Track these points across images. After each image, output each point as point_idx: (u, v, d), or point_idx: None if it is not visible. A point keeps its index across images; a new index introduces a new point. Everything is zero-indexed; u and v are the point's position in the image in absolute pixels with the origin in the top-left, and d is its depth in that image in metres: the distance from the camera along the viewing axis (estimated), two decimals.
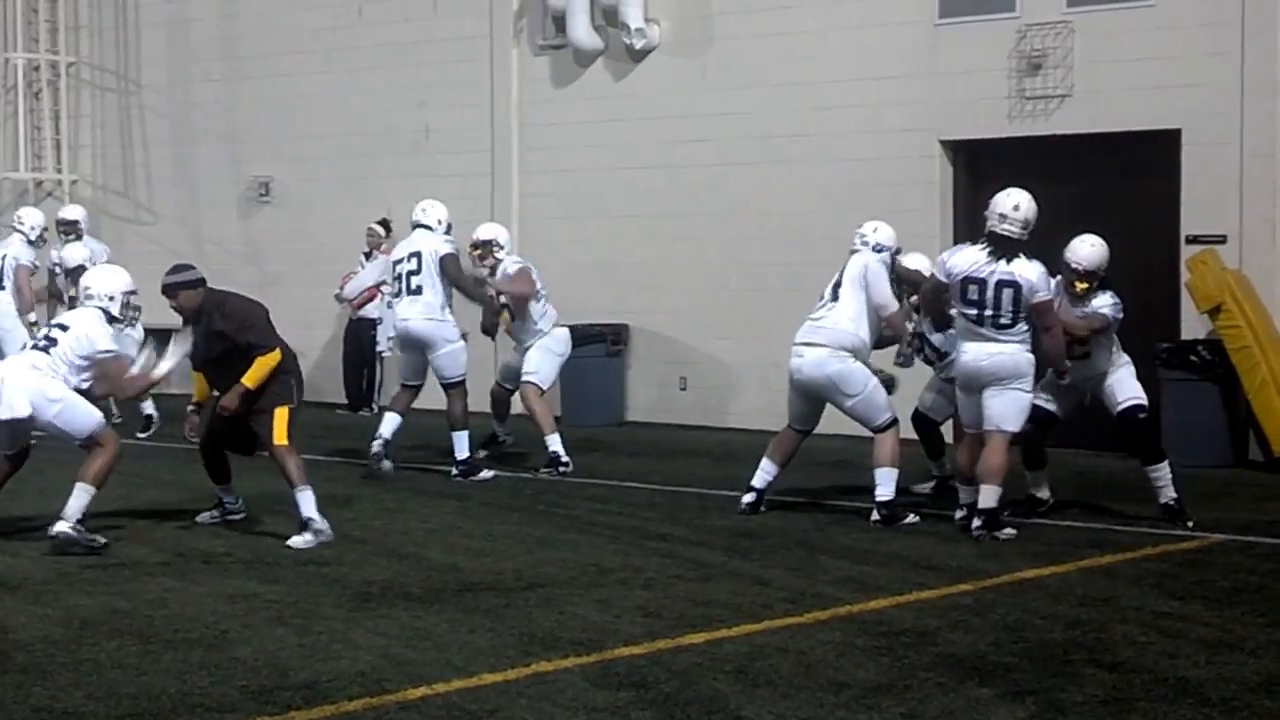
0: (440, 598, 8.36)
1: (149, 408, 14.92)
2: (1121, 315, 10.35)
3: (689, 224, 15.93)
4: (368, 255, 17.09)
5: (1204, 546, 9.70)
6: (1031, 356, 9.93)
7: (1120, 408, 10.36)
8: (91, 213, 19.92)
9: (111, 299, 9.99)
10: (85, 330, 9.83)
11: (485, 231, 13.23)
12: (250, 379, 10.03)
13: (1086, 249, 10.36)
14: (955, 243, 14.62)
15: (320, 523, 9.83)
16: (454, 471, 12.54)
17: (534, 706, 6.46)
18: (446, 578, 8.87)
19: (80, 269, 13.74)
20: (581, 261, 16.57)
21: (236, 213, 19.16)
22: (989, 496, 9.85)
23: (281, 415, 10.10)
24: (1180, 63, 13.44)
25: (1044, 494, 10.73)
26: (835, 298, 10.63)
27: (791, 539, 9.98)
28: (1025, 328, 9.90)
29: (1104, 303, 10.35)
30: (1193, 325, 13.17)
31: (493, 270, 13.05)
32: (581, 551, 9.62)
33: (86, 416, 9.81)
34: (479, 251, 13.05)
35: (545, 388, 13.02)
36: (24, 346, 11.65)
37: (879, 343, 10.86)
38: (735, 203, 15.57)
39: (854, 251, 10.82)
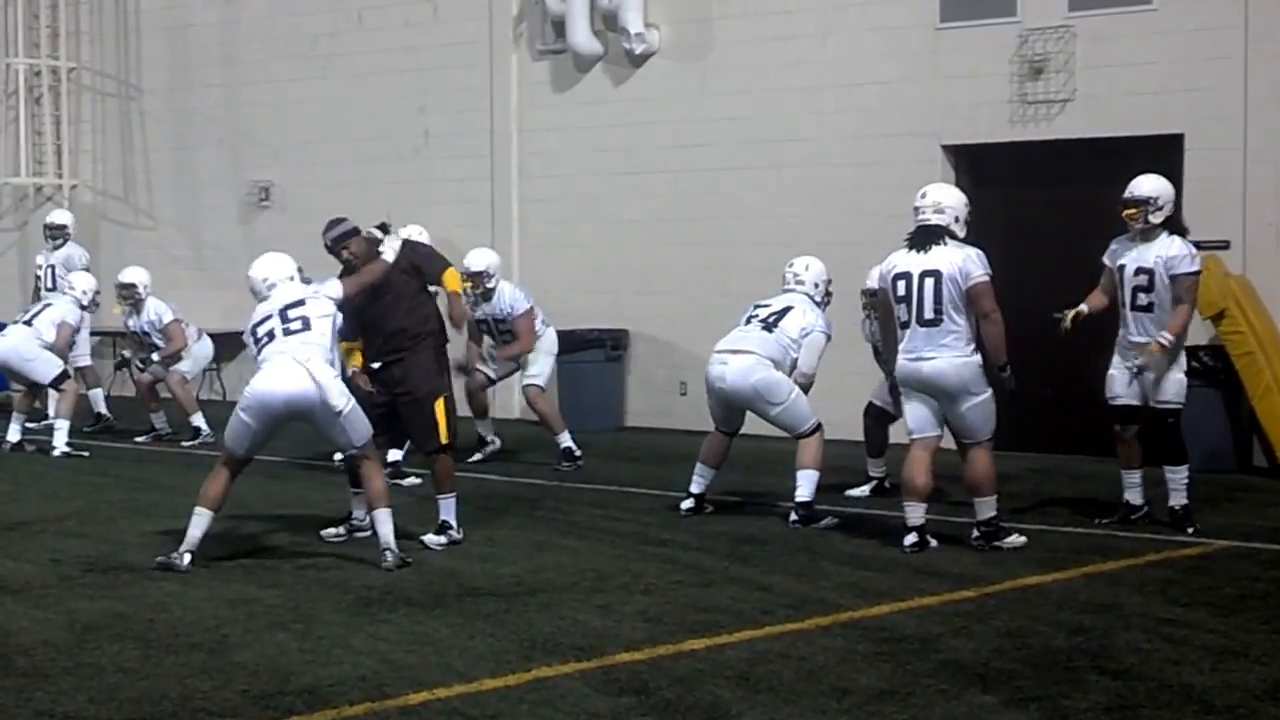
0: (441, 603, 8.34)
1: (199, 420, 14.89)
2: (1197, 268, 10.11)
3: (688, 228, 15.92)
4: None
5: (1208, 553, 9.68)
6: (976, 360, 9.62)
7: (1154, 404, 10.25)
8: (91, 218, 19.99)
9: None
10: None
11: (477, 263, 13.24)
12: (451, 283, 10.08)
13: (1142, 179, 10.22)
14: None
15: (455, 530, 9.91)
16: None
17: (535, 712, 6.45)
18: (447, 583, 8.85)
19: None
20: (580, 266, 16.56)
21: (237, 217, 19.14)
22: (984, 508, 9.77)
23: (441, 407, 9.87)
24: (1182, 67, 13.43)
25: None
26: (769, 328, 10.71)
27: (793, 544, 9.96)
28: (959, 326, 9.56)
29: (1192, 254, 10.08)
30: (1196, 331, 13.08)
31: (486, 296, 13.14)
32: (582, 557, 9.60)
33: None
34: (470, 283, 13.07)
35: (544, 386, 13.33)
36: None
37: None
38: (735, 207, 15.56)
39: (786, 290, 10.96)
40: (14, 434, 14.43)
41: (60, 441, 14.11)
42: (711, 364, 10.90)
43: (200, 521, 9.13)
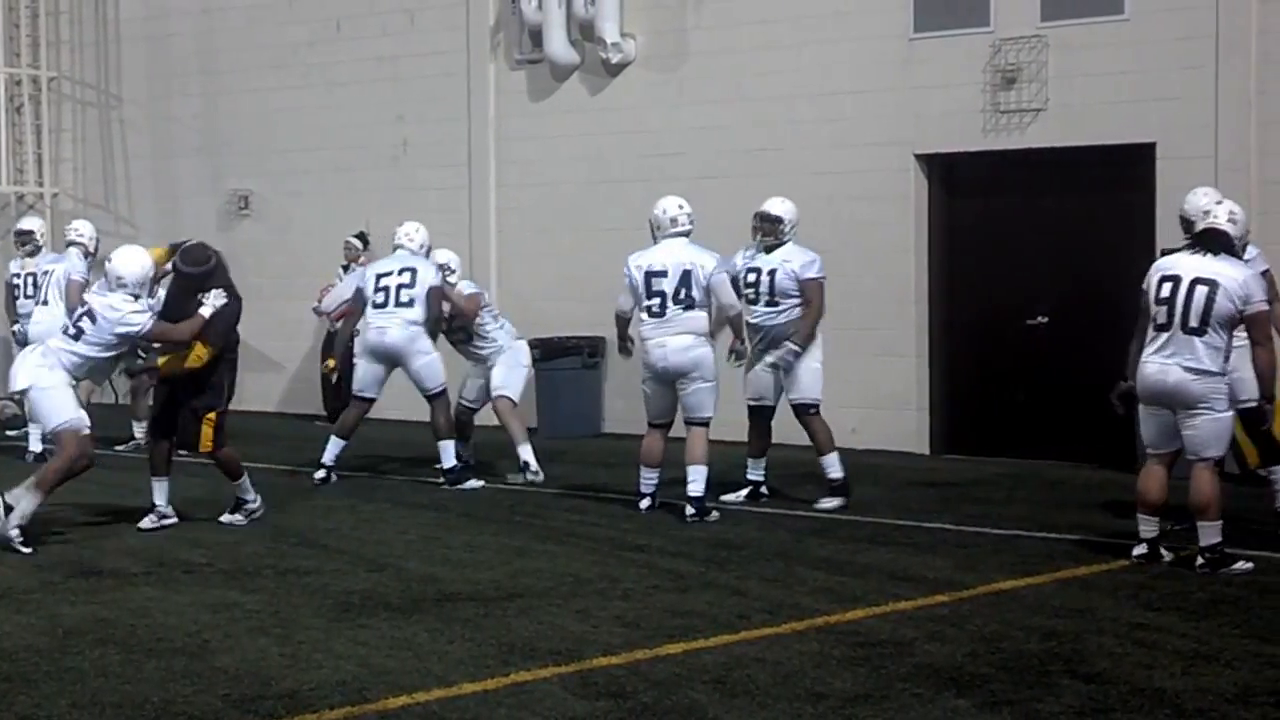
0: (420, 608, 8.39)
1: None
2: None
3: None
4: (345, 268, 17.09)
5: (1180, 558, 9.75)
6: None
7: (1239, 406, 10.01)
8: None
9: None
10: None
11: (438, 257, 13.33)
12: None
13: (1190, 194, 10.24)
14: (929, 255, 14.79)
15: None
16: (441, 480, 12.62)
17: (513, 716, 6.50)
18: (426, 588, 8.91)
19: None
20: (558, 274, 16.63)
21: (216, 225, 19.13)
22: (1208, 533, 9.26)
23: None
24: (1154, 76, 13.54)
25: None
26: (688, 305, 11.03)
27: (768, 550, 10.03)
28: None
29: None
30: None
31: None
32: (559, 562, 9.66)
33: (55, 413, 10.22)
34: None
35: (517, 400, 13.17)
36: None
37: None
38: (710, 216, 15.53)
39: (668, 235, 11.40)
40: (35, 444, 14.18)
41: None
42: (650, 350, 11.13)
43: None
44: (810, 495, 11.84)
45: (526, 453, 12.87)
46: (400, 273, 12.80)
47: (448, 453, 12.68)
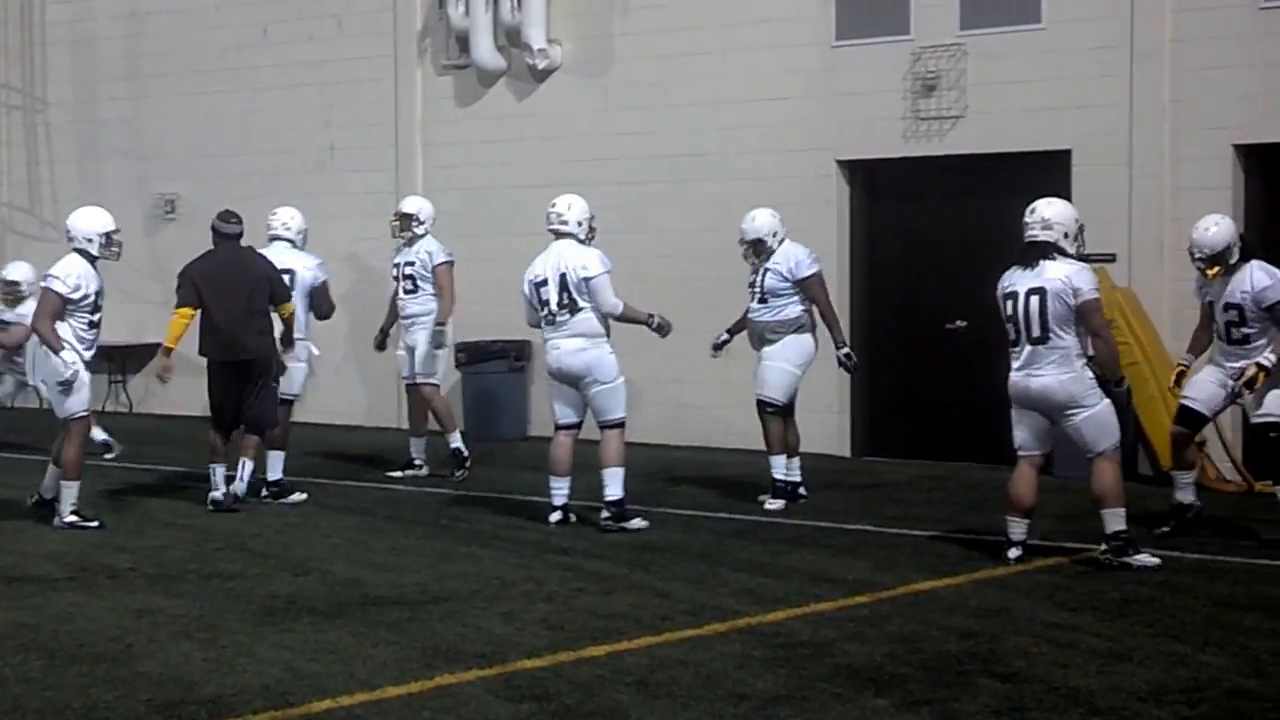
0: (344, 611, 8.41)
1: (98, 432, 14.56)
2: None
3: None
4: None
5: (1095, 558, 9.90)
6: (1087, 375, 9.53)
7: (1254, 419, 10.29)
8: None
9: (89, 240, 10.96)
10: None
11: (410, 205, 13.71)
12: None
13: (1204, 234, 10.16)
14: (852, 260, 14.93)
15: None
16: (264, 493, 12.29)
17: (437, 719, 6.54)
18: (350, 591, 8.93)
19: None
20: (485, 279, 16.62)
21: (143, 230, 19.03)
22: (1112, 520, 9.50)
23: None
24: (1071, 84, 13.72)
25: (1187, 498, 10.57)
26: (573, 310, 10.93)
27: (692, 552, 10.11)
28: (1066, 343, 9.49)
29: (1276, 279, 10.03)
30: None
31: (410, 242, 13.59)
32: (484, 565, 9.70)
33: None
34: (399, 222, 13.63)
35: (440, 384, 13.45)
36: None
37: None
38: (636, 221, 15.71)
39: (551, 229, 11.28)
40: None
41: None
42: (548, 353, 11.08)
43: None
44: (730, 498, 11.96)
45: (457, 439, 13.29)
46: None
47: (275, 464, 12.42)
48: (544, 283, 11.02)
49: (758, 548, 10.27)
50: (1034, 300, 9.42)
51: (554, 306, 10.94)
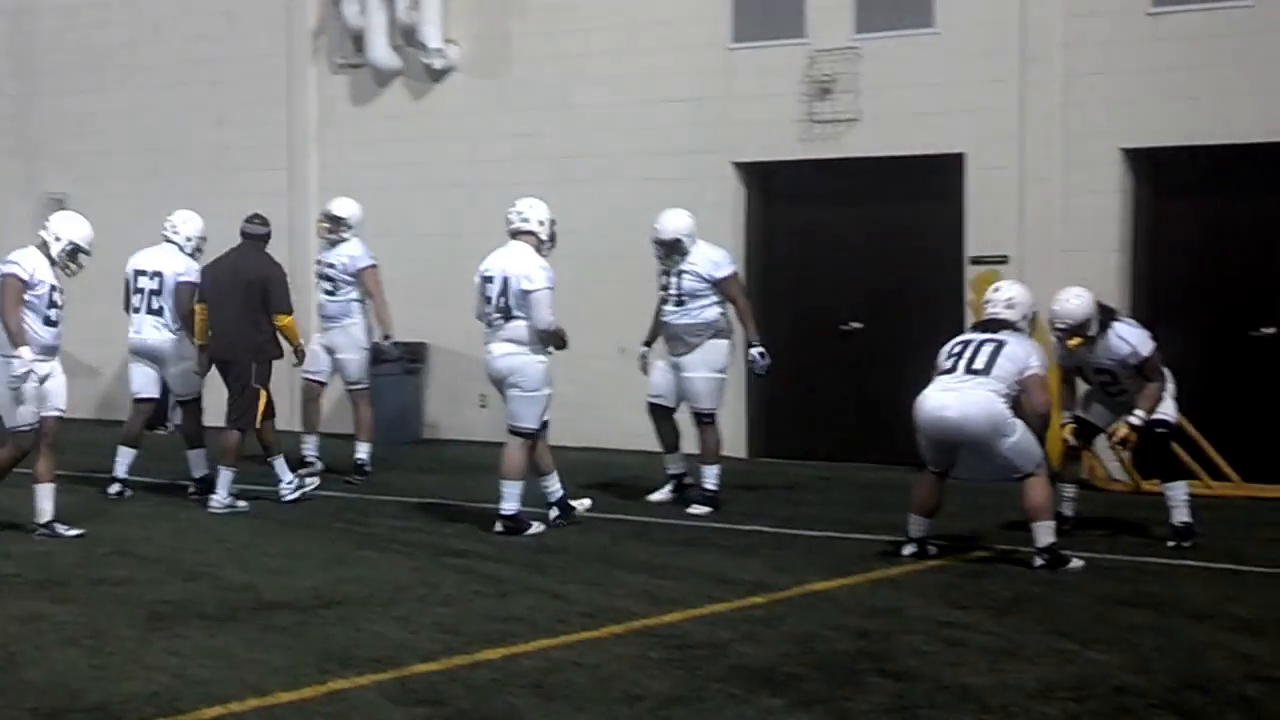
0: (236, 617, 8.33)
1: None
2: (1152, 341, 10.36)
3: (486, 243, 15.71)
4: None
5: (987, 558, 10.01)
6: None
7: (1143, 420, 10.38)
8: None
9: (58, 240, 10.72)
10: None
11: (341, 208, 13.67)
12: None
13: (1064, 305, 10.33)
14: (748, 263, 14.98)
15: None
16: (191, 489, 12.40)
17: None
18: (242, 596, 8.84)
19: None
20: (381, 280, 16.55)
21: (30, 229, 18.69)
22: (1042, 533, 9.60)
23: None
24: (963, 88, 13.87)
25: None
26: (509, 316, 10.88)
27: (588, 554, 10.11)
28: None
29: (1139, 341, 10.32)
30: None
31: (333, 244, 13.58)
32: (379, 569, 9.64)
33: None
34: (328, 225, 13.60)
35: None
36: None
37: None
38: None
39: (510, 228, 11.20)
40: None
41: None
42: (485, 354, 11.08)
43: None
44: (627, 500, 11.97)
45: (365, 451, 13.34)
46: (151, 276, 12.67)
47: (198, 462, 12.46)
48: (490, 280, 10.97)
49: (654, 549, 10.29)
50: (989, 347, 9.70)
51: (493, 309, 10.92)
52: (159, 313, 12.58)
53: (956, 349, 9.83)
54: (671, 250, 11.71)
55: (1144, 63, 13.19)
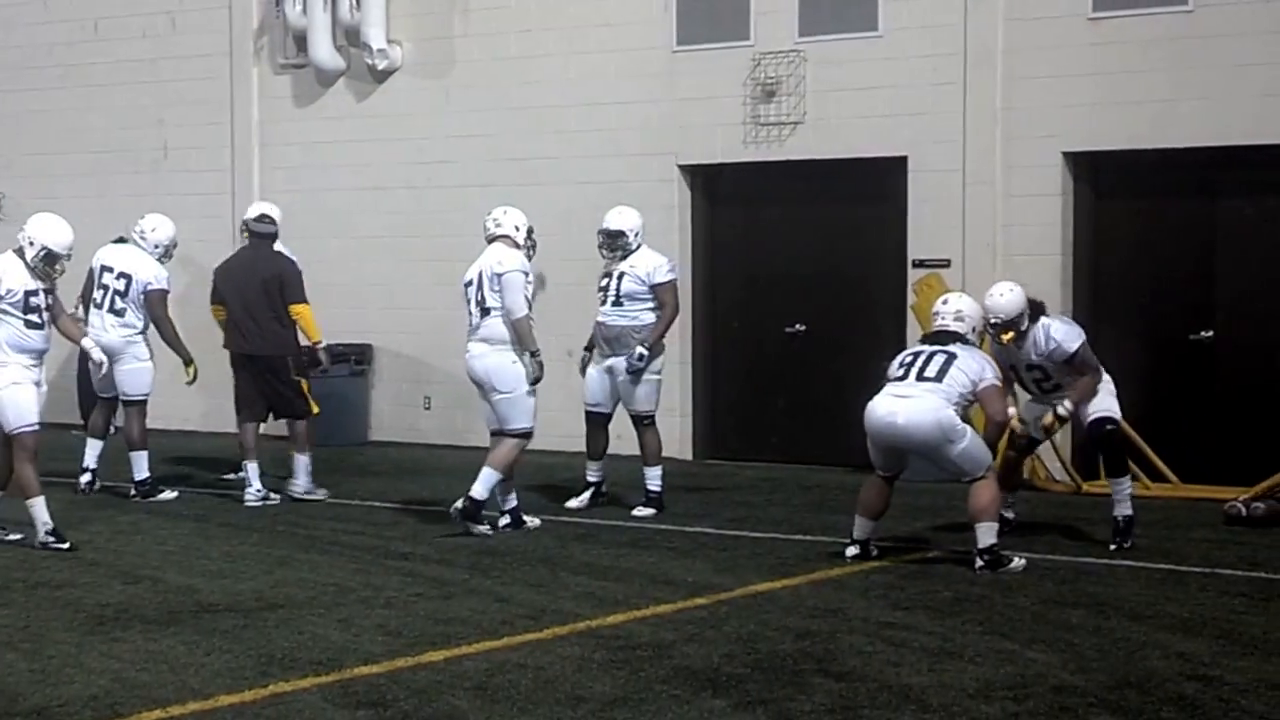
0: (177, 619, 8.29)
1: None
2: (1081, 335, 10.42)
3: (432, 245, 15.98)
4: None
5: (928, 559, 10.07)
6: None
7: (1089, 419, 10.42)
8: None
9: (31, 244, 10.46)
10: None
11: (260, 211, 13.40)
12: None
13: (997, 300, 10.34)
14: (693, 265, 15.03)
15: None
16: (132, 491, 12.42)
17: None
18: (183, 599, 8.80)
19: None
20: (325, 281, 16.44)
21: None
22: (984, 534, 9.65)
23: None
24: (906, 92, 13.93)
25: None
26: (486, 312, 10.90)
27: (533, 556, 10.10)
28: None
29: (1066, 335, 10.36)
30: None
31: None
32: (322, 571, 9.62)
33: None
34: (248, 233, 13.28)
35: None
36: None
37: None
38: (478, 223, 15.54)
39: (487, 235, 11.25)
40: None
41: None
42: (466, 363, 11.07)
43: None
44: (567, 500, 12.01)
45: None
46: (118, 276, 12.65)
47: (140, 463, 12.48)
48: (470, 283, 11.03)
49: (599, 551, 10.30)
50: (940, 358, 9.74)
51: (473, 308, 10.94)
52: (120, 313, 12.54)
53: (908, 359, 9.89)
54: (615, 242, 11.70)
55: (1084, 67, 13.29)
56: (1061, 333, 10.38)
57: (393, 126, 16.32)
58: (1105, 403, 10.43)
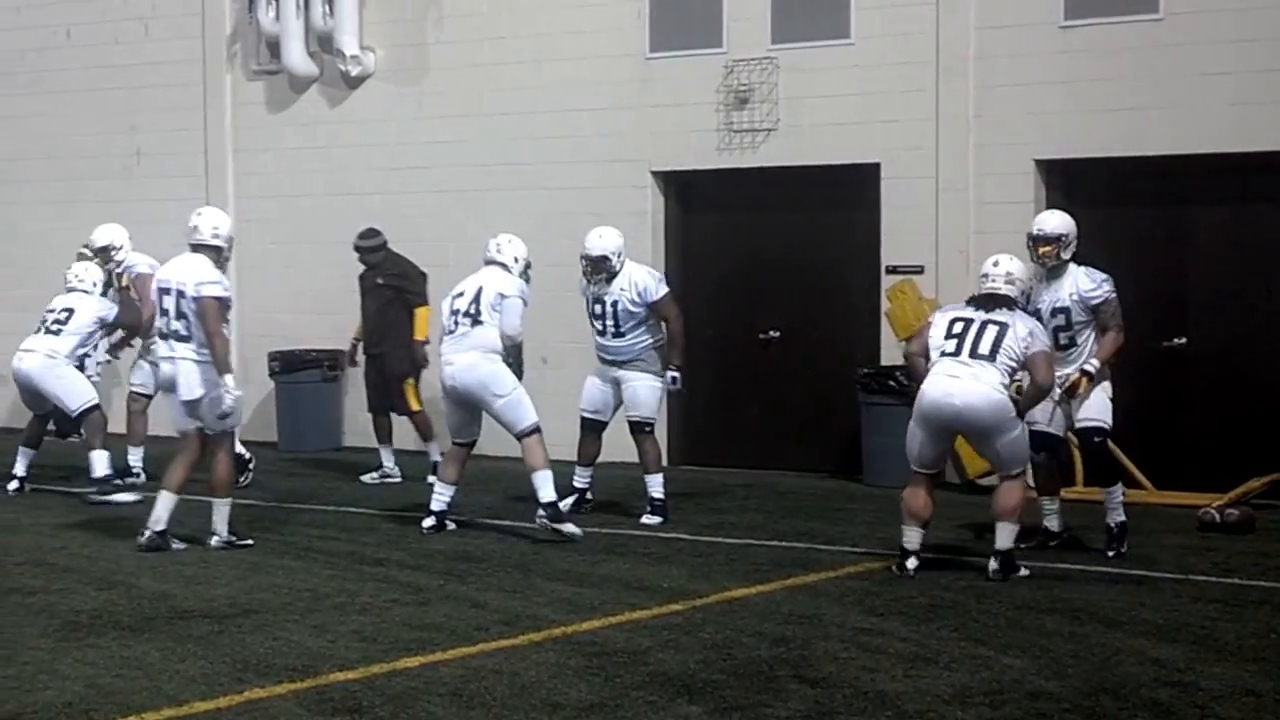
0: (151, 626, 8.27)
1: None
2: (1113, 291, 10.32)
3: (406, 250, 15.92)
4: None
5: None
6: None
7: (1079, 424, 10.39)
8: None
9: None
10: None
11: (103, 236, 13.38)
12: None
13: (1046, 216, 10.47)
14: (666, 271, 15.01)
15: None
16: (93, 490, 12.58)
17: None
18: (158, 605, 8.78)
19: None
20: (298, 287, 16.49)
21: None
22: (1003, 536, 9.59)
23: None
24: (879, 99, 13.97)
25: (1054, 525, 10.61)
26: (477, 321, 10.97)
27: (508, 562, 10.10)
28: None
29: (1105, 278, 10.27)
30: (892, 352, 13.68)
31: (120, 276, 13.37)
32: (297, 577, 9.60)
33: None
34: (99, 259, 13.36)
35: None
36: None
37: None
38: (451, 230, 15.66)
39: (486, 259, 11.31)
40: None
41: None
42: (442, 369, 11.09)
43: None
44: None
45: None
46: (65, 293, 13.05)
47: (100, 463, 12.60)
48: (461, 295, 11.09)
49: (574, 557, 10.30)
50: (992, 330, 9.59)
51: (460, 316, 10.97)
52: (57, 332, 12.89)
53: (957, 328, 9.65)
54: (598, 267, 11.68)
55: (1056, 74, 13.34)
56: (1100, 276, 10.31)
57: (366, 132, 16.30)
58: (1100, 405, 10.30)
